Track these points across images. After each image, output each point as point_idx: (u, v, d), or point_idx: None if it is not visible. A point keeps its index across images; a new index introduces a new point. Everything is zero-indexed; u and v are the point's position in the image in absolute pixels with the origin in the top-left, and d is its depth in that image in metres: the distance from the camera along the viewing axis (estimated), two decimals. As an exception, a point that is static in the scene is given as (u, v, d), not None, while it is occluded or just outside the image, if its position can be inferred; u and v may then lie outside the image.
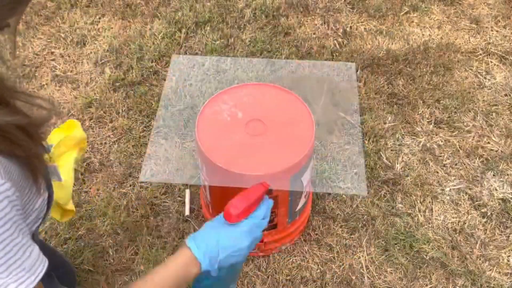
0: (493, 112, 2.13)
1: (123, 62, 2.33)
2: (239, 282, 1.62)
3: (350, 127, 2.01)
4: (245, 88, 1.50)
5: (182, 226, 1.75)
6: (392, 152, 1.98)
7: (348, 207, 1.80)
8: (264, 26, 2.50)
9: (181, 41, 2.42)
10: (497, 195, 1.84)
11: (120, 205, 1.80)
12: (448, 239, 1.72)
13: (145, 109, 2.11)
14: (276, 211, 1.48)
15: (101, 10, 2.60)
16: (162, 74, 2.27)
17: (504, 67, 2.34)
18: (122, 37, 2.45)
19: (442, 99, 2.17)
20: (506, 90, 2.23)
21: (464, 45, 2.44)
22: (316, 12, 2.60)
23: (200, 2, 2.62)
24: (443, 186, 1.87)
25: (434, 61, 2.33)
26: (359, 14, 2.60)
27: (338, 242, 1.72)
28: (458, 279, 1.63)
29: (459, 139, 2.03)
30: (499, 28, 2.53)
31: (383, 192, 1.85)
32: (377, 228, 1.75)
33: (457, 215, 1.79)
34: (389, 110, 2.13)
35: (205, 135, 1.36)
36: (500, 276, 1.64)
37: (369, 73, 2.28)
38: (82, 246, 1.70)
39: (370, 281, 1.63)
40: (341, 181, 1.85)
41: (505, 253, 1.70)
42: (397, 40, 2.45)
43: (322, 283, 1.62)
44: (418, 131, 2.05)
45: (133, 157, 1.95)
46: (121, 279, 1.63)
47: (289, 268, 1.66)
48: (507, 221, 1.78)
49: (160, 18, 2.54)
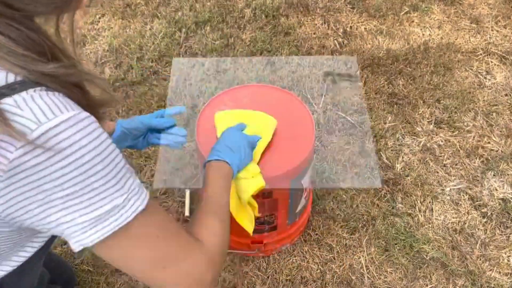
0: (493, 112, 2.13)
1: (123, 62, 2.33)
2: (239, 282, 1.62)
3: (350, 127, 2.00)
4: (246, 89, 1.50)
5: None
6: (392, 152, 1.98)
7: (348, 207, 1.80)
8: (264, 26, 2.50)
9: (181, 41, 2.42)
10: (497, 195, 1.84)
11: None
12: (448, 239, 1.72)
13: (145, 109, 2.11)
14: (276, 213, 1.48)
15: (101, 10, 2.60)
16: (162, 74, 2.27)
17: (504, 67, 2.33)
18: (122, 37, 2.44)
19: (442, 99, 2.17)
20: (506, 90, 2.23)
21: (465, 45, 2.44)
22: (316, 12, 2.60)
23: (200, 2, 2.62)
24: (443, 186, 1.87)
25: (434, 61, 2.33)
26: (359, 14, 2.60)
27: (338, 242, 1.72)
28: (458, 279, 1.63)
29: (459, 139, 2.02)
30: (500, 28, 2.53)
31: (383, 192, 1.85)
32: (377, 228, 1.74)
33: (457, 215, 1.79)
34: (389, 110, 2.13)
35: (205, 135, 1.35)
36: (500, 276, 1.64)
37: (369, 73, 2.27)
38: (82, 246, 1.70)
39: (370, 281, 1.62)
40: (341, 181, 1.84)
41: (505, 253, 1.70)
42: (397, 40, 2.45)
43: (322, 283, 1.62)
44: (418, 131, 2.05)
45: (133, 157, 1.95)
46: (121, 279, 1.63)
47: (289, 268, 1.66)
48: (507, 221, 1.78)
49: (160, 18, 2.54)
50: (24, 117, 0.51)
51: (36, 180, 0.53)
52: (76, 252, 0.61)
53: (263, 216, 1.47)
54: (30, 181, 0.53)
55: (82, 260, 1.67)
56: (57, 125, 0.53)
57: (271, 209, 1.45)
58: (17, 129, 0.50)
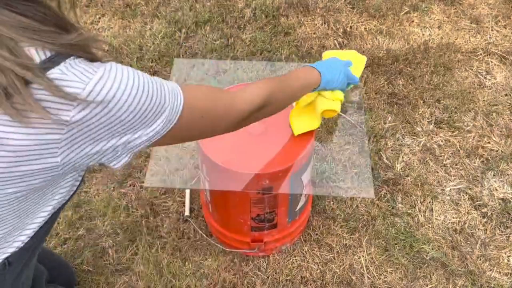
0: (493, 112, 2.13)
1: (123, 62, 2.32)
2: (239, 282, 1.62)
3: (350, 127, 2.00)
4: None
5: (182, 226, 1.75)
6: (392, 152, 1.97)
7: (348, 207, 1.80)
8: (264, 26, 2.50)
9: (181, 41, 2.42)
10: (498, 195, 1.84)
11: (120, 205, 1.80)
12: (449, 239, 1.72)
13: (145, 109, 2.11)
14: (276, 210, 1.48)
15: (101, 10, 2.60)
16: (162, 74, 2.27)
17: (504, 67, 2.33)
18: (122, 37, 2.44)
19: (443, 99, 2.17)
20: (506, 90, 2.22)
21: (464, 45, 2.44)
22: (316, 12, 2.59)
23: (200, 2, 2.62)
24: (443, 186, 1.87)
25: (434, 61, 2.33)
26: (359, 14, 2.60)
27: (338, 242, 1.72)
28: (458, 279, 1.62)
29: (460, 139, 2.02)
30: (500, 28, 2.53)
31: (383, 192, 1.85)
32: (377, 228, 1.74)
33: (457, 215, 1.79)
34: (389, 110, 2.13)
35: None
36: (501, 276, 1.64)
37: (369, 73, 2.27)
38: (82, 246, 1.70)
39: (370, 281, 1.62)
40: (341, 181, 1.84)
41: (506, 253, 1.69)
42: (397, 40, 2.45)
43: (322, 283, 1.62)
44: (418, 131, 2.05)
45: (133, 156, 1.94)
46: (121, 279, 1.63)
47: (289, 268, 1.65)
48: (507, 221, 1.78)
49: (160, 18, 2.54)
50: (72, 80, 0.61)
51: (95, 126, 0.64)
52: (118, 168, 0.74)
53: (263, 213, 1.48)
54: (90, 128, 0.64)
55: (82, 260, 1.67)
56: (99, 80, 0.63)
57: (271, 206, 1.45)
58: (70, 92, 0.60)
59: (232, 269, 1.65)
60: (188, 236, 1.73)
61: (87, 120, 0.63)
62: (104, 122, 0.64)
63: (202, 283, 1.62)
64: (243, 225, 1.54)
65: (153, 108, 0.69)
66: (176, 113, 0.74)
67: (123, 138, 0.68)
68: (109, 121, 0.65)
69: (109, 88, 0.63)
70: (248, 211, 1.47)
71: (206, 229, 1.75)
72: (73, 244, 1.71)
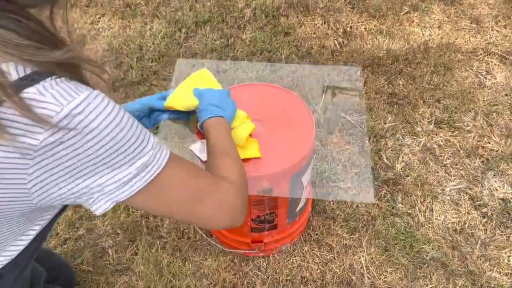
0: (493, 112, 2.13)
1: (123, 62, 2.32)
2: (239, 282, 1.62)
3: (350, 127, 2.00)
4: (245, 88, 1.50)
5: (182, 226, 1.75)
6: (392, 152, 1.97)
7: (348, 207, 1.80)
8: (264, 26, 2.50)
9: (181, 41, 2.41)
10: (498, 195, 1.84)
11: (120, 205, 1.80)
12: (449, 239, 1.72)
13: (145, 109, 2.11)
14: (276, 211, 1.48)
15: (101, 10, 2.60)
16: (162, 74, 2.27)
17: (504, 67, 2.33)
18: (122, 37, 2.44)
19: (443, 99, 2.17)
20: (506, 90, 2.22)
21: (465, 45, 2.44)
22: (316, 12, 2.59)
23: (200, 2, 2.62)
24: (443, 186, 1.87)
25: (434, 61, 2.33)
26: (359, 14, 2.60)
27: (338, 242, 1.71)
28: (458, 279, 1.62)
29: (460, 139, 2.02)
30: (500, 28, 2.53)
31: (383, 192, 1.85)
32: (377, 228, 1.74)
33: (457, 215, 1.79)
34: (389, 110, 2.13)
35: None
36: (501, 276, 1.64)
37: (369, 73, 2.27)
38: (82, 246, 1.70)
39: (370, 281, 1.62)
40: (341, 181, 1.84)
41: (506, 253, 1.69)
42: (397, 40, 2.45)
43: (322, 283, 1.62)
44: (418, 131, 2.05)
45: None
46: (121, 280, 1.62)
47: (289, 268, 1.65)
48: (507, 221, 1.78)
49: (160, 18, 2.54)
50: (48, 102, 0.57)
51: (65, 155, 0.59)
52: (98, 214, 0.68)
53: (263, 214, 1.47)
54: (60, 157, 0.59)
55: (82, 260, 1.67)
56: (77, 105, 0.58)
57: (271, 207, 1.45)
58: (43, 114, 0.56)
59: (232, 269, 1.65)
60: (188, 236, 1.73)
61: (57, 146, 0.58)
62: (76, 152, 0.59)
63: (202, 283, 1.62)
64: (243, 226, 1.54)
65: (132, 147, 0.65)
66: (159, 165, 0.69)
67: (97, 176, 0.63)
68: (83, 153, 0.60)
69: (86, 115, 0.58)
70: (248, 213, 1.47)
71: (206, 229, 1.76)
72: (73, 244, 1.71)
